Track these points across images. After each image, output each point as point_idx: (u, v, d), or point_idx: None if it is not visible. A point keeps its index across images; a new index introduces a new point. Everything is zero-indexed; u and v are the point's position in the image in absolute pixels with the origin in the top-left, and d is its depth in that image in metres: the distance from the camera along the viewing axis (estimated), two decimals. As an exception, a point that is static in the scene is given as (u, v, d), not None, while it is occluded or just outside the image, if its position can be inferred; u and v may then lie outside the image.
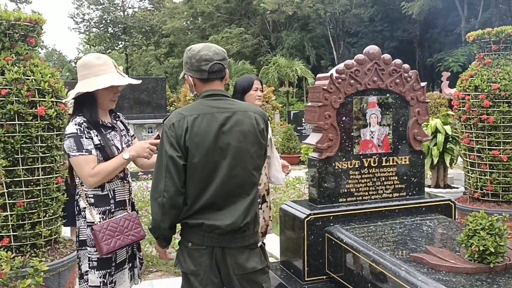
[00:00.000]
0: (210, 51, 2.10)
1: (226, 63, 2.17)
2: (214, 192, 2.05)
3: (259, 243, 2.21)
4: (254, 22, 35.34)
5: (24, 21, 3.17)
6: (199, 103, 2.13)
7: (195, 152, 2.04)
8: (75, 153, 2.28)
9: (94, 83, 2.31)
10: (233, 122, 2.07)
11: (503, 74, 4.45)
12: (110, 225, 2.33)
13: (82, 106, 2.37)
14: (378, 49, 3.55)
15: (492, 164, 4.56)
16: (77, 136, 2.28)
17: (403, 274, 2.54)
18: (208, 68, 2.09)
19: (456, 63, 23.81)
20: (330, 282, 3.38)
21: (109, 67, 2.39)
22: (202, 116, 2.06)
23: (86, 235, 2.34)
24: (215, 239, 2.07)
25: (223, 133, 2.05)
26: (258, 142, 2.12)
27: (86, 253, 2.35)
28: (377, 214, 3.52)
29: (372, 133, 3.61)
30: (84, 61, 2.39)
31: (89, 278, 2.35)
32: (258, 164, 2.15)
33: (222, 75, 2.16)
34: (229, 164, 2.05)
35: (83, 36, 43.65)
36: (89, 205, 2.34)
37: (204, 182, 2.06)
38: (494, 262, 2.49)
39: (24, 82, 3.12)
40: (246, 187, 2.10)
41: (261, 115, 2.17)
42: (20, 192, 3.12)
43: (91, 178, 2.27)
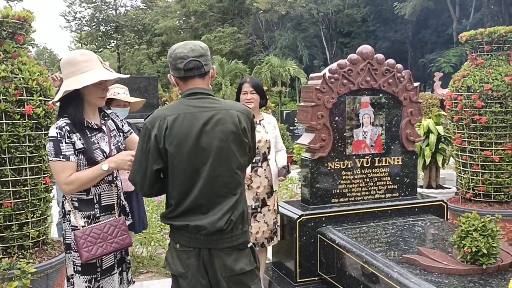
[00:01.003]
0: (185, 49, 2.06)
1: (205, 60, 2.09)
2: (198, 193, 2.02)
3: (250, 244, 2.16)
4: (247, 21, 35.29)
5: (12, 19, 3.11)
6: (180, 103, 2.09)
7: (176, 154, 2.00)
8: (52, 158, 2.20)
9: (82, 80, 2.21)
10: (215, 121, 2.02)
11: (495, 75, 4.45)
12: (92, 231, 2.23)
13: (68, 106, 2.26)
14: (371, 49, 3.53)
15: (484, 165, 4.56)
16: (57, 141, 2.19)
17: (395, 276, 2.52)
18: (183, 66, 2.05)
19: (447, 63, 23.93)
20: (322, 284, 3.35)
21: (95, 63, 2.29)
22: (182, 116, 2.02)
23: (71, 239, 2.25)
24: (201, 241, 2.03)
25: (205, 133, 2.01)
26: (241, 141, 2.08)
27: (71, 257, 2.28)
28: (369, 215, 3.50)
29: (365, 133, 3.59)
30: (68, 59, 2.29)
31: (74, 282, 2.27)
32: (242, 163, 2.12)
33: (201, 72, 2.08)
34: (212, 164, 2.02)
35: (74, 34, 43.35)
36: (74, 209, 2.26)
37: (187, 184, 2.03)
38: (486, 264, 2.48)
39: (12, 80, 3.06)
40: (231, 187, 2.07)
41: (244, 114, 2.13)
42: (7, 192, 3.06)
43: (66, 185, 2.19)
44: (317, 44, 32.97)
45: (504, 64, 4.52)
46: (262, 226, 3.33)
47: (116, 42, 40.38)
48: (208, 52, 2.14)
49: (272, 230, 3.40)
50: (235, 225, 2.07)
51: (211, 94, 2.13)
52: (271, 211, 3.38)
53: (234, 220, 2.06)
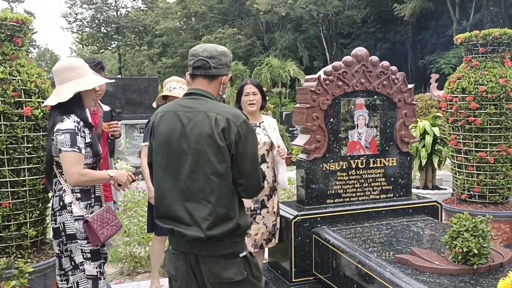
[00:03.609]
0: (201, 48, 2.08)
1: (216, 63, 2.05)
2: (177, 194, 1.99)
3: (243, 253, 2.05)
4: (247, 22, 35.35)
5: (10, 21, 3.14)
6: (175, 101, 2.14)
7: (158, 150, 2.06)
8: (67, 148, 2.39)
9: (87, 82, 2.51)
10: (193, 123, 1.99)
11: (490, 77, 4.48)
12: (99, 216, 2.49)
13: (72, 107, 2.51)
14: (365, 51, 3.57)
15: (479, 166, 4.59)
16: (74, 133, 2.42)
17: (387, 276, 2.56)
18: (193, 63, 2.06)
19: (447, 65, 23.94)
20: (317, 283, 3.39)
21: (88, 69, 2.62)
22: (168, 114, 2.06)
23: (75, 228, 2.44)
24: (187, 246, 2.01)
25: (185, 134, 1.99)
26: (217, 145, 1.95)
27: (77, 246, 2.45)
28: (364, 216, 3.54)
29: (360, 135, 3.63)
30: (68, 64, 2.58)
31: (85, 268, 2.47)
32: (218, 170, 1.96)
33: (208, 73, 2.05)
34: (190, 166, 1.98)
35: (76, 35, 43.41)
36: (76, 200, 2.47)
37: (167, 182, 2.02)
38: (477, 264, 2.51)
39: (10, 82, 3.10)
40: (206, 193, 1.96)
41: (228, 117, 1.97)
42: (6, 193, 3.09)
43: (80, 176, 2.40)
44: (317, 45, 33.02)
45: (498, 66, 4.55)
46: (261, 228, 3.33)
47: (117, 43, 40.45)
48: (224, 57, 2.08)
49: (271, 232, 3.39)
50: (219, 237, 1.96)
51: (208, 96, 2.06)
52: (270, 213, 3.37)
53: (217, 234, 1.95)
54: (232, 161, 1.99)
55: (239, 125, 1.99)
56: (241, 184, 2.03)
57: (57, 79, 2.57)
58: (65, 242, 2.48)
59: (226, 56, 2.10)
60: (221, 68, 2.08)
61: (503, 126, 4.48)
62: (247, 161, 2.02)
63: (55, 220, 2.51)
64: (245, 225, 2.06)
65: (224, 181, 1.98)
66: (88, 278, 2.48)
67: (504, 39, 4.52)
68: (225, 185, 1.99)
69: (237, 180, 2.02)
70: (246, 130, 2.01)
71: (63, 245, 2.50)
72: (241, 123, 2.00)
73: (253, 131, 2.07)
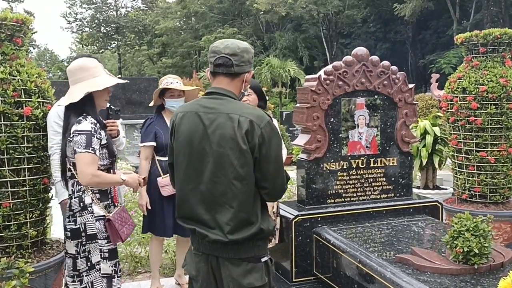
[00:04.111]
0: (222, 44, 1.99)
1: (238, 60, 1.96)
2: (199, 196, 1.95)
3: (264, 258, 1.99)
4: (247, 22, 35.35)
5: (10, 21, 3.14)
6: (195, 100, 2.06)
7: (179, 151, 2.00)
8: (82, 150, 2.40)
9: (98, 83, 2.51)
10: (215, 124, 1.91)
11: (490, 77, 4.48)
12: (118, 216, 2.54)
13: (84, 107, 2.52)
14: (366, 51, 3.56)
15: (480, 166, 4.59)
16: (90, 134, 2.43)
17: (388, 275, 2.56)
18: (214, 60, 1.98)
19: (448, 64, 23.95)
20: (318, 283, 3.39)
21: (101, 69, 2.61)
22: (189, 114, 1.98)
23: (96, 228, 2.47)
24: (207, 247, 1.96)
25: (207, 136, 1.92)
26: (239, 148, 1.88)
27: (97, 245, 2.48)
28: (364, 215, 3.53)
29: (360, 135, 3.62)
30: (80, 64, 2.57)
31: (101, 267, 2.49)
32: (241, 174, 1.89)
33: (230, 71, 1.97)
34: (212, 169, 1.92)
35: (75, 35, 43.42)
36: (96, 200, 2.51)
37: (189, 183, 1.98)
38: (478, 263, 2.51)
39: (10, 82, 3.10)
40: (228, 197, 1.91)
41: (251, 119, 1.90)
42: (6, 193, 3.09)
43: (94, 177, 2.41)
44: (317, 45, 33.01)
45: (499, 66, 4.55)
46: None
47: (117, 43, 40.45)
48: (247, 54, 2.00)
49: None
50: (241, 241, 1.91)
51: (230, 96, 1.99)
52: (269, 213, 3.37)
53: (239, 239, 1.90)
54: (255, 164, 1.92)
55: (263, 127, 1.91)
56: (264, 187, 1.97)
57: (70, 80, 2.58)
58: (84, 242, 2.48)
59: (249, 53, 2.01)
60: (243, 65, 1.99)
61: (504, 126, 4.48)
62: (270, 163, 1.94)
63: (74, 221, 2.48)
64: (268, 229, 1.99)
65: (247, 186, 1.92)
66: (103, 277, 2.50)
67: (504, 39, 4.51)
68: (248, 189, 1.92)
69: (261, 183, 1.95)
70: (270, 132, 1.93)
71: (82, 245, 2.49)
72: (264, 125, 1.92)
73: (277, 133, 1.99)
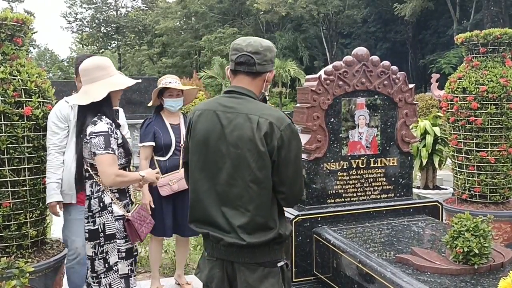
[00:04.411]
0: (244, 42, 1.93)
1: (261, 59, 1.90)
2: (215, 197, 1.89)
3: (280, 263, 1.93)
4: (247, 22, 35.37)
5: (10, 21, 3.14)
6: (214, 99, 2.00)
7: (195, 151, 1.94)
8: (102, 151, 2.39)
9: (120, 82, 2.53)
10: (233, 124, 1.85)
11: (490, 77, 4.48)
12: (137, 215, 2.55)
13: (102, 106, 2.49)
14: (366, 51, 3.56)
15: (480, 166, 4.59)
16: (108, 135, 2.42)
17: (388, 275, 2.55)
18: (235, 58, 1.92)
19: (448, 64, 23.99)
20: (318, 283, 3.38)
21: (114, 68, 2.64)
22: (207, 113, 1.92)
23: (115, 228, 2.47)
24: (222, 251, 1.89)
25: (225, 136, 1.86)
26: (258, 150, 1.81)
27: (115, 245, 2.48)
28: (364, 215, 3.53)
29: (360, 135, 3.62)
30: (98, 63, 2.55)
31: (119, 268, 2.50)
32: (258, 177, 1.83)
33: (252, 70, 1.91)
34: (228, 171, 1.86)
35: (75, 35, 43.45)
36: (116, 199, 2.51)
37: (203, 184, 1.92)
38: (478, 263, 2.51)
39: (11, 82, 3.10)
40: (244, 201, 1.84)
41: (271, 121, 1.83)
42: (6, 192, 3.10)
43: (116, 177, 2.41)
44: (318, 45, 33.06)
45: (499, 66, 4.55)
46: None
47: (117, 43, 40.51)
48: (270, 52, 1.94)
49: None
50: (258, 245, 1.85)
51: (250, 95, 1.93)
52: None
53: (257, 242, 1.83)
54: (273, 167, 1.85)
55: (283, 129, 1.84)
56: (281, 191, 1.89)
57: (85, 78, 2.53)
58: (102, 243, 2.47)
59: (271, 52, 1.95)
60: (265, 64, 1.93)
61: (504, 126, 4.48)
62: (289, 167, 1.87)
63: (93, 221, 2.48)
64: (285, 234, 1.93)
65: (264, 189, 1.85)
66: (121, 277, 2.50)
67: (504, 39, 4.51)
68: (265, 193, 1.85)
69: (278, 187, 1.88)
70: (290, 134, 1.86)
71: (100, 246, 2.48)
72: (284, 127, 1.85)
73: (297, 136, 1.92)
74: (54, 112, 3.14)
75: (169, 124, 3.59)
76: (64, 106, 3.14)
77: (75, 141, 2.82)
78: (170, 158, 3.53)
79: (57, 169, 3.06)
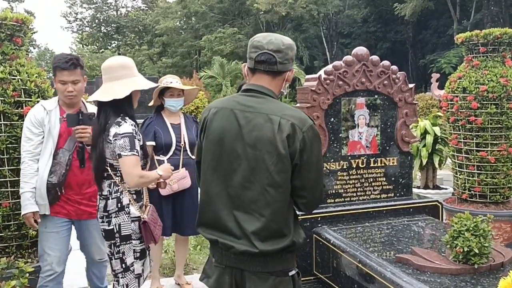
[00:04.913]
0: (265, 39, 1.83)
1: (282, 57, 1.81)
2: (225, 201, 1.80)
3: (292, 272, 1.85)
4: (247, 22, 35.37)
5: (10, 21, 3.14)
6: (231, 97, 1.92)
7: (209, 149, 1.85)
8: (128, 153, 2.37)
9: (142, 82, 2.52)
10: (252, 125, 1.76)
11: (491, 76, 4.48)
12: (151, 217, 2.56)
13: (123, 105, 2.47)
14: (366, 51, 3.56)
15: (480, 166, 4.59)
16: (132, 136, 2.41)
17: (388, 275, 2.55)
18: (255, 56, 1.82)
19: (448, 64, 23.99)
20: (318, 283, 3.38)
21: (136, 70, 2.62)
22: (223, 111, 1.83)
23: (131, 229, 2.46)
24: (232, 259, 1.80)
25: (242, 136, 1.77)
26: (278, 153, 1.72)
27: (131, 246, 2.48)
28: (364, 215, 3.53)
29: (360, 134, 3.62)
30: (122, 62, 2.55)
31: (134, 268, 2.51)
32: (277, 181, 1.74)
33: (273, 70, 1.82)
34: (243, 173, 1.77)
35: (76, 35, 43.48)
36: (133, 200, 2.49)
37: (215, 186, 1.83)
38: (478, 263, 2.51)
39: (10, 82, 3.10)
40: (260, 205, 1.75)
41: (293, 122, 1.75)
42: (6, 192, 3.10)
43: (139, 178, 2.39)
44: (318, 45, 33.06)
45: (499, 65, 4.54)
46: None
47: (117, 43, 40.53)
48: (291, 51, 1.86)
49: None
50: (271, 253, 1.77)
51: (270, 95, 1.85)
52: None
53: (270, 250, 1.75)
54: (294, 171, 1.77)
55: (305, 131, 1.76)
56: (303, 196, 1.82)
57: (107, 76, 2.50)
58: (118, 244, 2.46)
59: (293, 50, 1.86)
60: (286, 63, 1.84)
61: (504, 126, 4.48)
62: (312, 171, 1.79)
63: (108, 222, 2.46)
64: (299, 242, 1.85)
65: (282, 194, 1.76)
66: (136, 277, 2.52)
67: (504, 39, 4.51)
68: (282, 198, 1.77)
69: (299, 192, 1.80)
70: (312, 136, 1.78)
71: (116, 247, 2.47)
72: (307, 128, 1.76)
73: (319, 137, 1.85)
74: (28, 117, 2.88)
75: (169, 123, 3.59)
76: (40, 111, 2.85)
77: (50, 147, 2.79)
78: (170, 158, 3.52)
79: (31, 178, 2.80)
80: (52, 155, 2.80)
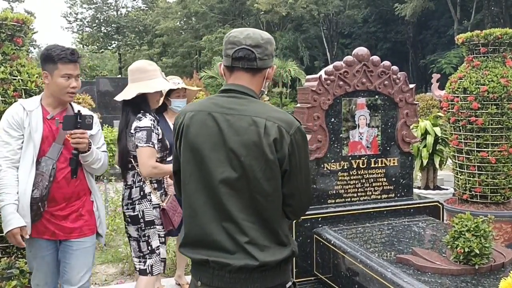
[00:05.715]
0: (242, 34, 1.68)
1: (262, 53, 1.67)
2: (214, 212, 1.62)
3: (289, 283, 1.71)
4: (247, 22, 35.36)
5: (10, 21, 3.14)
6: (208, 98, 1.74)
7: (189, 158, 1.68)
8: (143, 144, 2.61)
9: (150, 85, 2.71)
10: (234, 129, 1.61)
11: (491, 77, 4.48)
12: (171, 205, 2.77)
13: (140, 105, 2.73)
14: (367, 51, 3.56)
15: (481, 166, 4.59)
16: (150, 130, 2.64)
17: (389, 276, 2.55)
18: (232, 52, 1.66)
19: (448, 64, 23.99)
20: (319, 283, 3.38)
21: (158, 73, 2.81)
22: (200, 114, 1.67)
23: (153, 215, 2.71)
24: (227, 279, 1.60)
25: (224, 142, 1.61)
26: (266, 159, 1.58)
27: (155, 231, 2.73)
28: (365, 216, 3.53)
29: (361, 135, 3.62)
30: (139, 66, 2.81)
31: (160, 252, 2.75)
32: (265, 189, 1.60)
33: (253, 66, 1.67)
34: (229, 181, 1.61)
35: (76, 35, 43.48)
36: (154, 189, 2.73)
37: (199, 198, 1.65)
38: (479, 264, 2.51)
39: (11, 82, 3.10)
40: (249, 213, 1.61)
41: (279, 125, 1.61)
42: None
43: (153, 168, 2.62)
44: (318, 45, 33.07)
45: (500, 66, 4.54)
46: None
47: (117, 43, 40.53)
48: (270, 45, 1.71)
49: None
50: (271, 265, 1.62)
51: (252, 95, 1.70)
52: None
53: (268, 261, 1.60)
54: (284, 178, 1.64)
55: (293, 133, 1.63)
56: (289, 204, 1.69)
57: (129, 78, 2.80)
58: (143, 228, 2.71)
59: (272, 45, 1.72)
60: (266, 59, 1.69)
61: (505, 126, 4.48)
62: (300, 176, 1.67)
63: (133, 208, 2.71)
64: (296, 251, 1.72)
65: (272, 202, 1.63)
66: (161, 261, 2.76)
67: (505, 39, 4.51)
68: (273, 206, 1.63)
69: (287, 200, 1.67)
70: (300, 139, 1.65)
71: (141, 230, 2.72)
72: (294, 131, 1.63)
73: (306, 139, 1.71)
74: (5, 117, 2.51)
75: (172, 124, 3.59)
76: (19, 111, 2.49)
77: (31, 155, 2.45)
78: (172, 158, 3.53)
79: (13, 188, 2.39)
80: (35, 164, 2.44)
